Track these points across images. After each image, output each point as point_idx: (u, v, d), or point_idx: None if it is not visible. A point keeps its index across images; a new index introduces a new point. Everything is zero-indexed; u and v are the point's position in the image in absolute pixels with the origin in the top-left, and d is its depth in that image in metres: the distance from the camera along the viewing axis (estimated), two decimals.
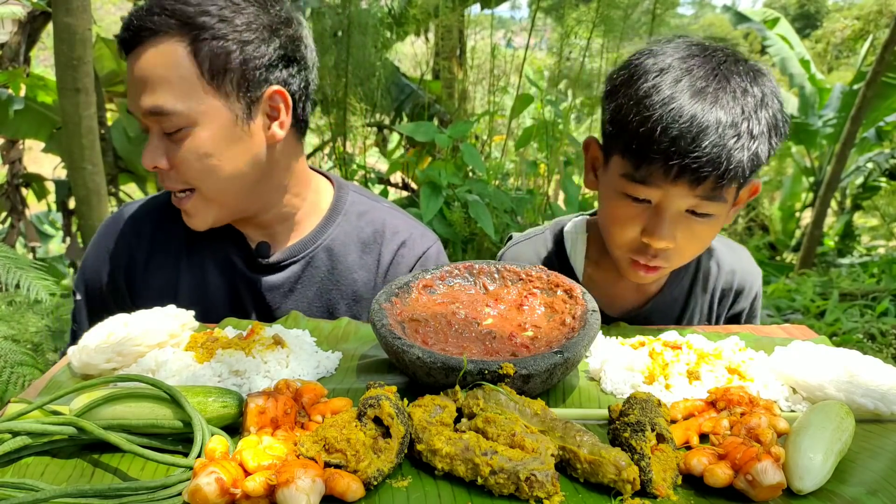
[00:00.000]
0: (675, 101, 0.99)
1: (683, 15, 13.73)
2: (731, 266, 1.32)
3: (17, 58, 4.44)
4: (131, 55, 1.07)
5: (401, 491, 0.68)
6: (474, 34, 5.36)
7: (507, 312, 1.00)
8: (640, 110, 1.01)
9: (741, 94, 1.01)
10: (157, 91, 1.05)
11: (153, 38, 1.05)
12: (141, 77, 1.05)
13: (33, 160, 5.42)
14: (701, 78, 1.01)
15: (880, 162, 7.11)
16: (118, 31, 1.10)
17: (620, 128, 1.05)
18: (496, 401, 0.76)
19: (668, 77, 1.02)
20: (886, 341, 3.80)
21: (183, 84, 1.05)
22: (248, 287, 1.23)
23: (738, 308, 1.35)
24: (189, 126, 1.06)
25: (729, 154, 0.98)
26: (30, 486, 0.65)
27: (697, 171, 0.99)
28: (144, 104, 1.05)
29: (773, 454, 0.68)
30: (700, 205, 1.05)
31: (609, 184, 1.12)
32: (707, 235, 1.11)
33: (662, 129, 0.98)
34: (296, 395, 0.77)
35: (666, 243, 1.07)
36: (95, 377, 0.87)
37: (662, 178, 1.01)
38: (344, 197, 1.30)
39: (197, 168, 1.09)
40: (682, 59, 1.04)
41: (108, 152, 4.40)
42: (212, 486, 0.61)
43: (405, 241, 1.28)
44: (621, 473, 0.67)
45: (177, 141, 1.07)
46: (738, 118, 0.99)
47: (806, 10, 18.32)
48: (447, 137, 3.48)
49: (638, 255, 1.11)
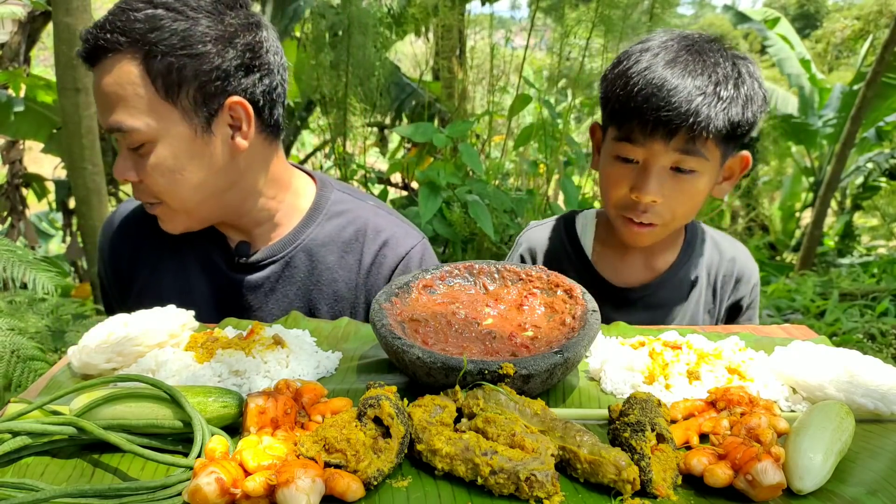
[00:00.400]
0: (651, 69, 1.15)
1: (683, 15, 13.74)
2: (732, 254, 1.41)
3: (17, 58, 4.44)
4: (94, 70, 1.07)
5: (401, 491, 0.68)
6: (474, 34, 5.37)
7: (507, 312, 1.00)
8: (624, 80, 1.17)
9: (712, 65, 1.15)
10: (115, 109, 1.05)
11: (107, 57, 1.04)
12: (100, 94, 1.06)
13: (33, 160, 5.42)
14: (676, 51, 1.17)
15: (880, 162, 7.11)
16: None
17: (608, 99, 1.21)
18: (496, 401, 0.76)
19: (648, 53, 1.18)
20: (886, 341, 3.80)
21: (138, 101, 1.04)
22: (229, 287, 1.24)
23: (738, 294, 1.41)
24: (150, 142, 1.06)
25: (697, 109, 1.11)
26: (30, 486, 0.65)
27: (668, 123, 1.12)
28: (105, 121, 1.07)
29: (773, 454, 0.68)
30: (681, 160, 1.16)
31: (605, 153, 1.26)
32: (694, 192, 1.21)
33: (638, 91, 1.14)
34: (296, 395, 0.77)
35: (651, 197, 1.17)
36: (95, 377, 0.87)
37: (641, 133, 1.15)
38: (326, 196, 1.28)
39: (161, 183, 1.09)
40: (664, 41, 1.19)
41: (108, 152, 4.40)
42: (212, 486, 0.61)
43: (387, 241, 1.26)
44: (621, 473, 0.67)
45: (142, 155, 1.08)
46: (706, 82, 1.13)
47: (806, 10, 18.31)
48: (446, 137, 3.48)
49: (629, 212, 1.22)
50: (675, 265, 1.36)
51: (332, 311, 1.25)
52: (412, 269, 1.25)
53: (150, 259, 1.26)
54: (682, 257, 1.37)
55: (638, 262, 1.37)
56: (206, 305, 1.23)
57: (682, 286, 1.36)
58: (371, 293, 1.25)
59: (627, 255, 1.36)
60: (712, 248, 1.40)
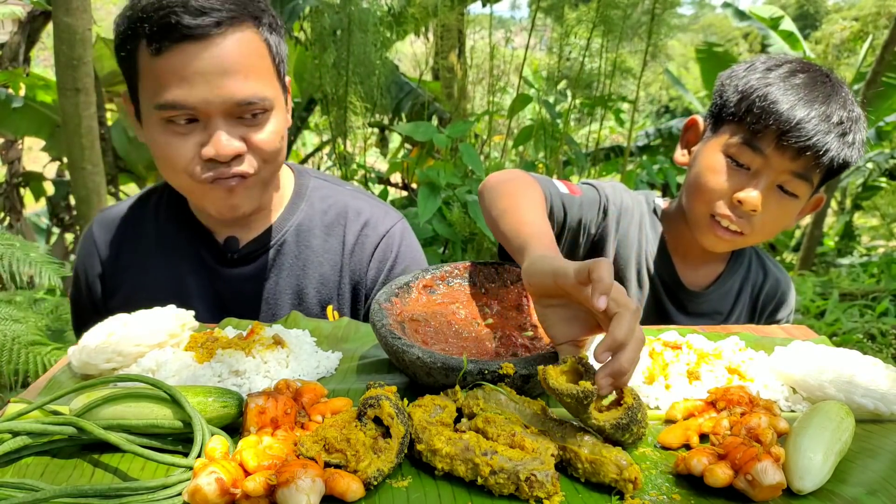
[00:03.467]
0: (794, 85, 1.15)
1: (683, 15, 13.73)
2: (776, 276, 1.43)
3: (17, 58, 4.44)
4: (196, 43, 1.01)
5: (401, 491, 0.68)
6: (473, 34, 5.37)
7: (507, 312, 1.00)
8: (763, 85, 1.16)
9: (848, 103, 1.17)
10: (249, 78, 1.05)
11: (232, 27, 1.04)
12: (227, 66, 1.03)
13: (33, 160, 5.42)
14: (815, 78, 1.17)
15: (880, 162, 7.11)
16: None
17: (742, 98, 1.18)
18: (496, 401, 0.76)
19: (785, 67, 1.19)
20: (886, 341, 3.80)
21: (266, 72, 1.09)
22: (221, 282, 1.24)
23: (778, 317, 1.43)
24: (270, 110, 1.10)
25: (831, 141, 1.12)
26: (30, 486, 0.65)
27: (802, 142, 1.11)
28: (235, 93, 1.04)
29: (773, 454, 0.68)
30: (790, 181, 1.17)
31: (711, 151, 1.23)
32: (787, 213, 1.21)
33: (781, 103, 1.13)
34: (296, 395, 0.77)
35: (755, 202, 1.16)
36: (95, 377, 0.87)
37: (772, 143, 1.14)
38: (305, 183, 1.31)
39: (270, 150, 1.11)
40: (800, 64, 1.20)
41: (107, 152, 4.40)
42: (212, 486, 0.61)
43: (368, 221, 1.29)
44: (623, 473, 0.67)
45: (258, 125, 1.09)
46: (843, 117, 1.14)
47: (805, 10, 18.32)
48: (445, 137, 3.48)
49: (721, 214, 1.20)
50: (722, 276, 1.37)
51: (319, 294, 1.27)
52: (393, 248, 1.29)
53: (138, 260, 1.26)
54: (728, 270, 1.37)
55: (689, 267, 1.35)
56: (200, 303, 1.24)
57: (725, 299, 1.37)
58: (354, 273, 1.28)
59: (685, 258, 1.34)
60: (758, 267, 1.42)
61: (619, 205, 1.33)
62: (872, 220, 8.17)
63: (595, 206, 1.30)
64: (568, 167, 5.11)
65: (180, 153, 1.06)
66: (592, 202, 1.30)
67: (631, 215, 1.34)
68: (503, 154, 4.75)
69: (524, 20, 5.43)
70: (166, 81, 1.02)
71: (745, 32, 10.01)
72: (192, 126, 1.06)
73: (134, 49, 1.05)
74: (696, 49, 7.26)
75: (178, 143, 1.06)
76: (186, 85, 1.02)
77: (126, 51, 1.07)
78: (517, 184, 1.15)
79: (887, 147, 7.33)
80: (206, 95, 1.02)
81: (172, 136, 1.06)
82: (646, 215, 1.36)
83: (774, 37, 7.68)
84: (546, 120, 4.06)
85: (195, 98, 1.02)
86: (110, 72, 4.83)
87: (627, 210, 1.34)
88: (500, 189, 1.13)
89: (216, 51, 1.02)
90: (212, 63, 1.02)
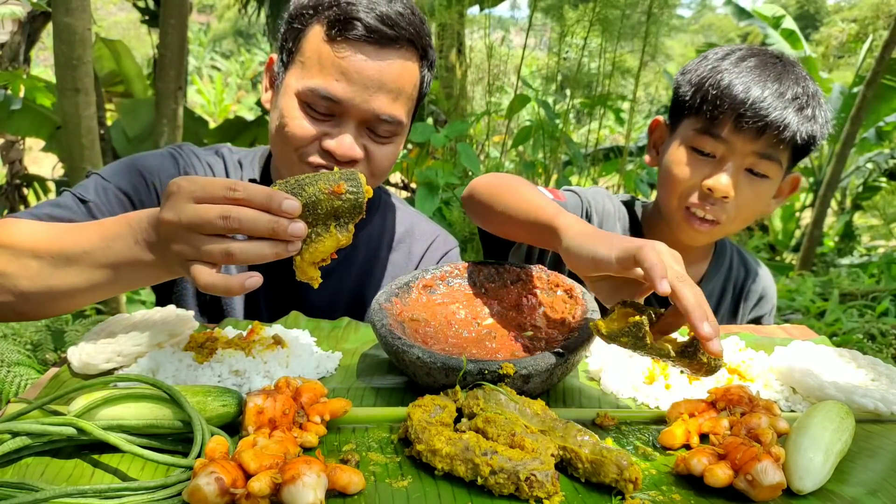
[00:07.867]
0: (749, 70, 1.18)
1: (682, 16, 13.74)
2: (757, 272, 1.45)
3: (17, 58, 4.44)
4: (370, 47, 1.06)
5: (401, 491, 0.68)
6: (472, 33, 5.36)
7: (507, 312, 1.00)
8: (715, 73, 1.19)
9: (803, 82, 1.19)
10: (397, 101, 1.10)
11: (404, 49, 1.08)
12: (386, 81, 1.07)
13: (33, 160, 5.41)
14: (767, 60, 1.20)
15: (880, 162, 7.12)
16: (118, 30, 1.08)
17: (696, 90, 1.21)
18: (496, 401, 0.76)
19: (737, 54, 1.21)
20: (886, 341, 3.80)
21: (410, 101, 1.13)
22: (287, 283, 1.23)
23: (759, 312, 1.45)
24: (397, 135, 1.14)
25: (787, 116, 1.14)
26: (30, 486, 0.65)
27: (759, 121, 1.14)
28: (381, 109, 1.08)
29: (773, 454, 0.68)
30: (757, 163, 1.18)
31: (675, 145, 1.25)
32: (761, 196, 1.22)
33: (734, 86, 1.16)
34: (295, 395, 0.77)
35: (725, 188, 1.17)
36: (95, 377, 0.87)
37: (730, 127, 1.16)
38: (380, 196, 1.38)
39: (382, 168, 1.16)
40: (751, 51, 1.22)
41: (107, 152, 4.40)
42: (211, 486, 0.61)
43: (436, 240, 1.39)
44: (623, 473, 0.67)
45: (379, 142, 1.12)
46: (798, 94, 1.16)
47: (805, 10, 18.32)
48: (443, 137, 3.48)
49: (695, 205, 1.21)
50: (706, 277, 1.39)
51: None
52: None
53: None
54: (711, 270, 1.39)
55: None
56: (265, 300, 1.26)
57: (710, 298, 1.37)
58: None
59: None
60: (739, 264, 1.44)
61: (602, 210, 1.37)
62: (872, 220, 8.17)
63: (578, 212, 1.33)
64: (568, 167, 5.11)
65: (304, 132, 1.09)
66: (576, 207, 1.34)
67: (614, 219, 1.37)
68: (502, 154, 4.74)
69: (523, 20, 5.42)
70: (327, 69, 1.06)
71: (744, 33, 10.01)
72: (327, 117, 1.09)
73: (307, 25, 1.09)
74: (696, 50, 7.26)
75: (307, 123, 1.09)
76: (345, 80, 1.06)
77: (300, 22, 1.10)
78: (509, 180, 1.17)
79: (887, 147, 7.33)
80: (356, 98, 1.06)
81: (305, 117, 1.09)
82: (627, 219, 1.39)
83: (775, 36, 7.69)
84: (544, 120, 4.05)
85: (346, 95, 1.06)
86: (110, 72, 4.83)
87: (609, 215, 1.37)
88: (493, 190, 1.16)
89: (384, 63, 1.06)
90: (376, 72, 1.06)
